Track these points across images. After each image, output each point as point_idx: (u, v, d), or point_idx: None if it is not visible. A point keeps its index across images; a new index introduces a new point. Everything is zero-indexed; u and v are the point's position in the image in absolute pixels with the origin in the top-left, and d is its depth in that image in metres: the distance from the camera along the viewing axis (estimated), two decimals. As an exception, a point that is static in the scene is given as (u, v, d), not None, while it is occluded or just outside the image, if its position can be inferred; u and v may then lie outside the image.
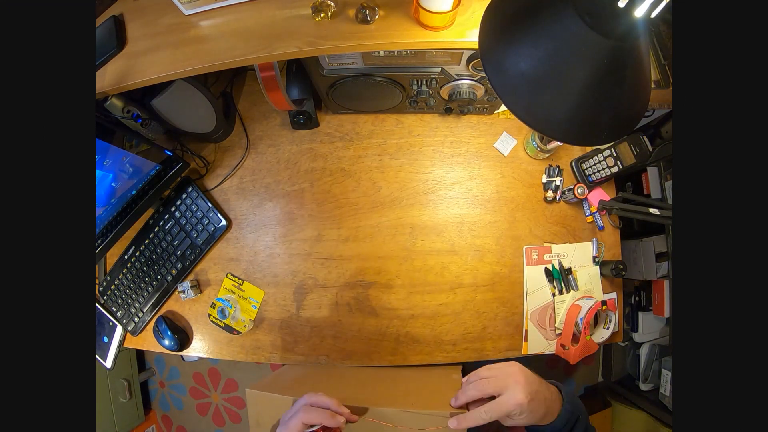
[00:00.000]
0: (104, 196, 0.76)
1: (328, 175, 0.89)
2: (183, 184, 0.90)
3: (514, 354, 0.82)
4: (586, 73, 0.38)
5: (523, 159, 0.88)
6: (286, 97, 0.74)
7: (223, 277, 0.88)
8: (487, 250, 0.84)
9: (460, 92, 0.74)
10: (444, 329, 0.83)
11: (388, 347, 0.83)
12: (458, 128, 0.89)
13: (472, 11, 0.59)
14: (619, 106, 0.42)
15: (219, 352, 0.87)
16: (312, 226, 0.87)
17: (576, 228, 0.85)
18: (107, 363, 0.93)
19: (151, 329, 0.89)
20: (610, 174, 0.77)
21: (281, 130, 0.92)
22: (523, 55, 0.40)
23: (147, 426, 1.71)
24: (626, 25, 0.34)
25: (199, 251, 0.88)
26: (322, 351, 0.84)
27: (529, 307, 0.82)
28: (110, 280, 0.93)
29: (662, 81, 0.71)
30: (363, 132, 0.90)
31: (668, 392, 1.24)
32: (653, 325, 1.29)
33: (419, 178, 0.87)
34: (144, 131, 0.77)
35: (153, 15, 0.67)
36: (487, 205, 0.86)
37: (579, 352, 0.76)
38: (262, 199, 0.90)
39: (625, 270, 0.78)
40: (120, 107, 0.71)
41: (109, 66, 0.66)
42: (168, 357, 1.79)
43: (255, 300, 0.87)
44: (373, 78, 0.72)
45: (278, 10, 0.61)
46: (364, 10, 0.57)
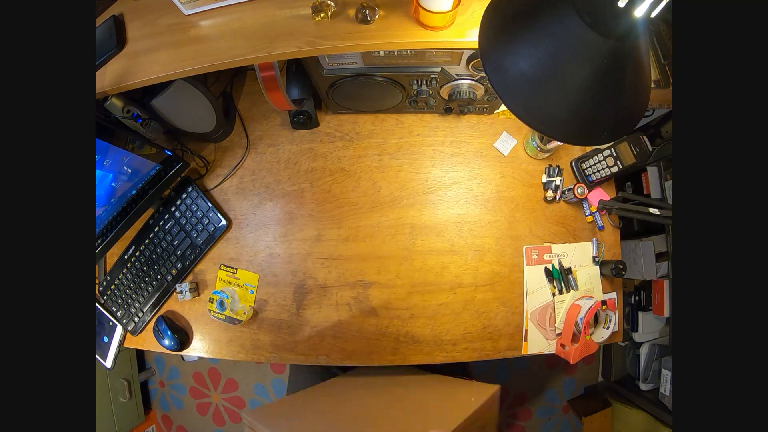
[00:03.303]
0: (104, 196, 0.76)
1: (328, 174, 0.89)
2: (183, 183, 0.90)
3: (514, 354, 0.82)
4: (586, 72, 0.38)
5: (523, 159, 0.88)
6: (286, 97, 0.74)
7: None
8: (487, 250, 0.84)
9: (460, 92, 0.74)
10: (444, 329, 0.83)
11: (388, 347, 0.83)
12: (458, 128, 0.89)
13: (472, 11, 0.59)
14: (619, 106, 0.42)
15: (219, 352, 0.87)
16: (312, 226, 0.87)
17: (576, 228, 0.85)
18: (107, 363, 0.93)
19: (151, 329, 0.89)
20: (610, 174, 0.77)
21: (281, 130, 0.92)
22: (523, 54, 0.40)
23: (147, 426, 1.71)
24: (626, 24, 0.34)
25: (199, 251, 0.88)
26: (322, 351, 0.84)
27: (529, 307, 0.82)
28: (110, 280, 0.93)
29: (662, 81, 0.71)
30: (363, 132, 0.90)
31: (668, 392, 1.24)
32: (653, 325, 1.29)
33: (419, 177, 0.88)
34: (144, 131, 0.77)
35: (153, 15, 0.67)
36: (487, 204, 0.86)
37: (579, 352, 0.76)
38: (262, 199, 0.90)
39: (625, 270, 0.78)
40: (120, 107, 0.71)
41: (109, 66, 0.66)
42: (168, 357, 1.79)
43: (251, 285, 0.87)
44: (373, 78, 0.72)
45: (278, 10, 0.61)
46: (364, 10, 0.57)
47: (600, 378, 1.60)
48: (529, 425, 1.66)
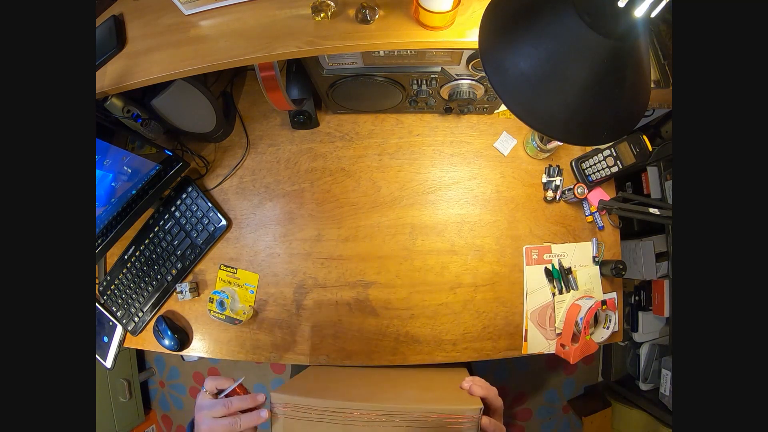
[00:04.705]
0: (104, 196, 0.76)
1: (328, 174, 0.89)
2: (183, 183, 0.90)
3: (514, 354, 0.82)
4: (586, 72, 0.38)
5: (523, 159, 0.88)
6: (286, 97, 0.74)
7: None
8: (487, 250, 0.84)
9: (460, 92, 0.74)
10: (444, 329, 0.83)
11: (388, 347, 0.83)
12: (458, 128, 0.89)
13: (472, 11, 0.59)
14: (619, 106, 0.42)
15: (219, 352, 0.87)
16: (312, 226, 0.87)
17: (576, 228, 0.85)
18: (107, 363, 0.93)
19: (151, 329, 0.89)
20: (610, 174, 0.77)
21: (281, 129, 0.92)
22: (523, 54, 0.40)
23: (147, 426, 1.71)
24: (626, 24, 0.34)
25: (199, 251, 0.88)
26: (322, 351, 0.84)
27: (528, 307, 0.82)
28: (110, 279, 0.93)
29: (662, 81, 0.71)
30: (363, 132, 0.90)
31: (668, 392, 1.24)
32: (653, 324, 1.29)
33: (419, 177, 0.88)
34: (144, 131, 0.77)
35: (153, 15, 0.67)
36: (487, 204, 0.86)
37: (579, 352, 0.76)
38: (262, 199, 0.90)
39: (625, 270, 0.78)
40: (120, 107, 0.71)
41: (109, 66, 0.66)
42: (168, 357, 1.79)
43: (251, 285, 0.87)
44: (373, 78, 0.72)
45: (278, 10, 0.61)
46: (364, 10, 0.57)
47: (600, 378, 1.60)
48: (529, 425, 1.66)
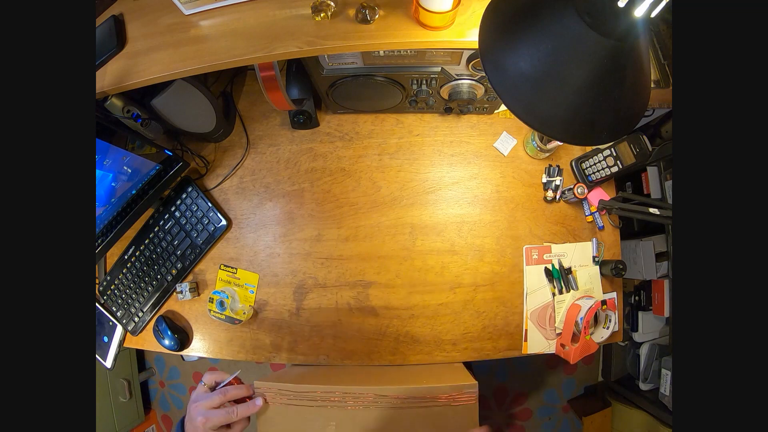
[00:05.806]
0: (104, 196, 0.76)
1: (328, 174, 0.89)
2: (183, 183, 0.90)
3: (514, 353, 0.82)
4: (585, 72, 0.38)
5: (523, 159, 0.88)
6: (286, 97, 0.74)
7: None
8: (486, 250, 0.84)
9: (460, 92, 0.74)
10: (444, 329, 0.83)
11: (388, 347, 0.83)
12: (458, 128, 0.89)
13: (472, 11, 0.59)
14: (619, 106, 0.42)
15: (219, 352, 0.87)
16: (312, 226, 0.87)
17: (576, 228, 0.85)
18: (107, 363, 0.93)
19: (151, 329, 0.89)
20: (610, 174, 0.77)
21: (281, 129, 0.92)
22: (523, 54, 0.40)
23: (147, 426, 1.71)
24: (626, 24, 0.34)
25: (199, 251, 0.88)
26: (322, 351, 0.84)
27: (528, 307, 0.82)
28: (110, 279, 0.93)
29: (662, 81, 0.71)
30: (363, 132, 0.90)
31: (668, 392, 1.24)
32: (653, 324, 1.29)
33: (419, 177, 0.88)
34: (144, 131, 0.77)
35: (153, 15, 0.67)
36: (486, 204, 0.86)
37: (579, 352, 0.76)
38: (262, 199, 0.90)
39: (625, 270, 0.78)
40: (120, 107, 0.71)
41: (109, 66, 0.66)
42: (168, 357, 1.79)
43: (251, 285, 0.87)
44: (373, 78, 0.72)
45: (278, 10, 0.61)
46: (364, 10, 0.57)
47: (600, 378, 1.60)
48: (529, 425, 1.66)
